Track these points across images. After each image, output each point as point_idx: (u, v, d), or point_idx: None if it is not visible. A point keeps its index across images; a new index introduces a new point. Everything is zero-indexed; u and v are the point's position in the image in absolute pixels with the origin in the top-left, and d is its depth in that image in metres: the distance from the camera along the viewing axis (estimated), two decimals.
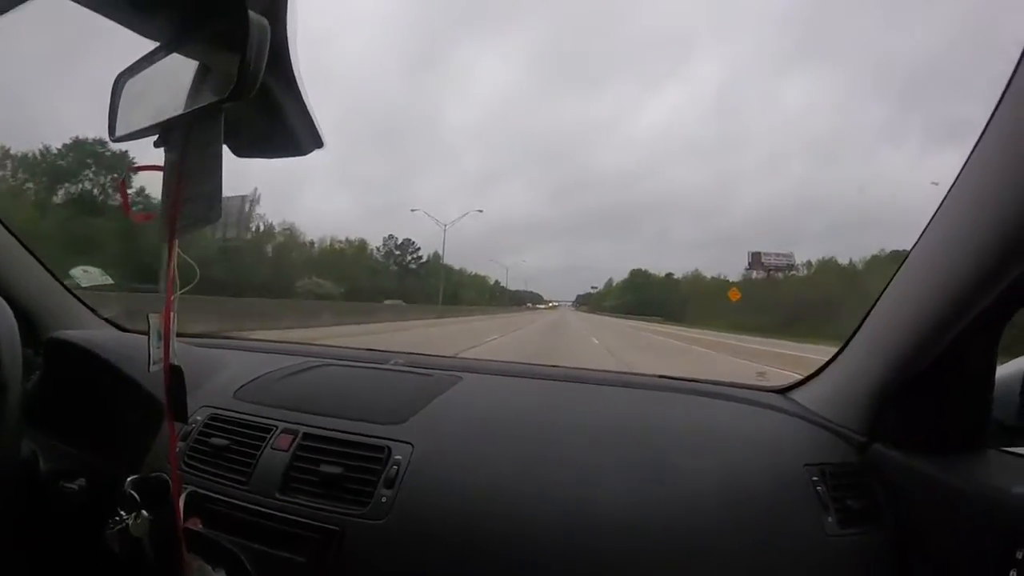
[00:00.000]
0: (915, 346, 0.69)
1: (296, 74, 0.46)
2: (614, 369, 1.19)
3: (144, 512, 0.71)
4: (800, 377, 1.00)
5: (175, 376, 0.55)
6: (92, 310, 1.24)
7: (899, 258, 0.76)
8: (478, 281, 56.25)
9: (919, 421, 0.72)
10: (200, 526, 0.65)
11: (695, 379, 1.10)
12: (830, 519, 0.69)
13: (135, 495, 0.71)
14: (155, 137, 0.51)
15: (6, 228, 1.08)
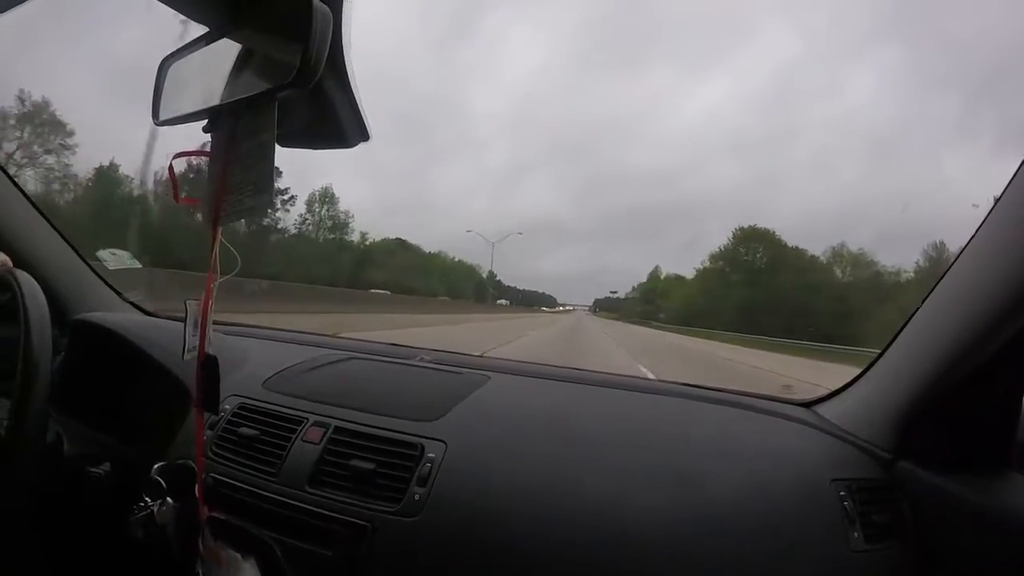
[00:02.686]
0: (947, 365, 0.68)
1: (348, 65, 0.46)
2: (638, 375, 1.18)
3: (169, 500, 0.71)
4: (827, 391, 0.99)
5: (209, 366, 0.54)
6: (118, 293, 1.24)
7: None
8: (461, 269, 47.38)
9: (946, 440, 0.72)
10: (220, 515, 0.65)
11: (721, 388, 1.09)
12: (856, 534, 0.68)
13: (161, 482, 0.71)
14: (201, 123, 0.50)
15: (35, 208, 1.09)
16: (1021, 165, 0.60)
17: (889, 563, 0.69)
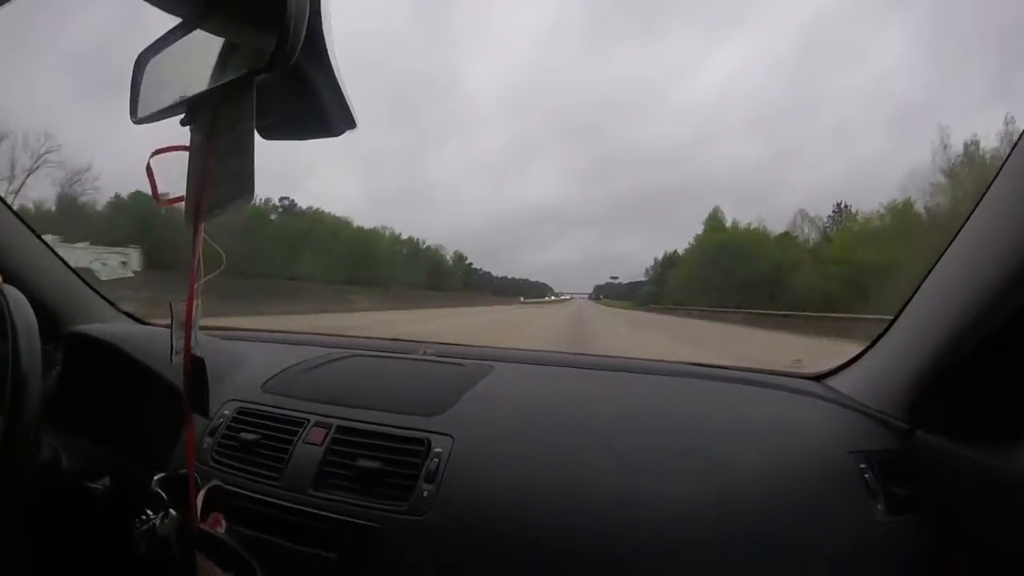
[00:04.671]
0: (960, 331, 0.68)
1: (330, 49, 0.44)
2: (647, 356, 1.17)
3: (171, 511, 0.69)
4: (837, 364, 0.98)
5: (196, 367, 0.52)
6: (111, 303, 1.23)
7: None
8: (410, 249, 37.24)
9: (963, 407, 0.71)
10: (222, 523, 0.63)
11: (731, 367, 1.08)
12: (879, 506, 0.68)
13: (162, 493, 0.69)
14: (180, 117, 0.49)
15: (23, 222, 1.07)
16: None
17: (912, 533, 0.69)
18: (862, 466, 0.71)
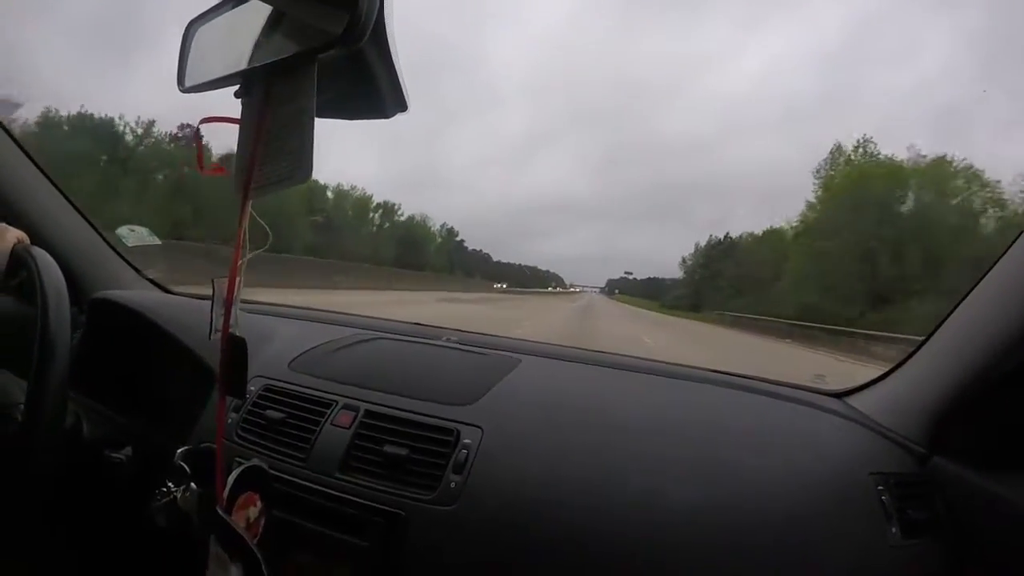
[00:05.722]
0: (988, 361, 0.67)
1: (390, 30, 0.43)
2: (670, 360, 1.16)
3: (194, 485, 0.69)
4: (860, 383, 0.97)
5: (237, 348, 0.51)
6: (137, 270, 1.24)
7: None
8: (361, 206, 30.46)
9: (983, 437, 0.71)
10: (258, 503, 0.63)
11: (752, 376, 1.07)
12: (894, 530, 0.67)
13: (185, 467, 0.69)
14: (231, 89, 0.48)
15: (54, 184, 1.08)
16: None
17: (925, 559, 0.68)
18: (879, 488, 0.70)
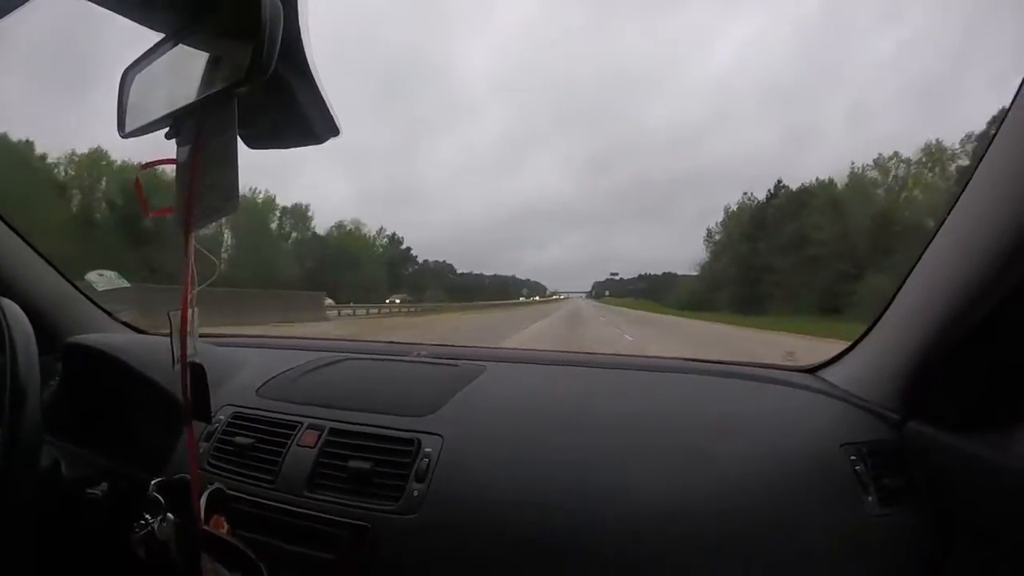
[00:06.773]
0: (948, 319, 0.67)
1: (309, 58, 0.45)
2: (640, 353, 1.18)
3: (169, 515, 0.70)
4: (830, 356, 0.98)
5: (196, 374, 0.53)
6: (108, 314, 1.24)
7: None
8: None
9: (955, 396, 0.71)
10: (225, 525, 0.64)
11: (723, 361, 1.08)
12: (870, 499, 0.68)
13: (159, 498, 0.70)
14: (167, 130, 0.50)
15: (18, 235, 1.08)
16: (1007, 110, 0.59)
17: (905, 526, 0.69)
18: (852, 458, 0.71)
